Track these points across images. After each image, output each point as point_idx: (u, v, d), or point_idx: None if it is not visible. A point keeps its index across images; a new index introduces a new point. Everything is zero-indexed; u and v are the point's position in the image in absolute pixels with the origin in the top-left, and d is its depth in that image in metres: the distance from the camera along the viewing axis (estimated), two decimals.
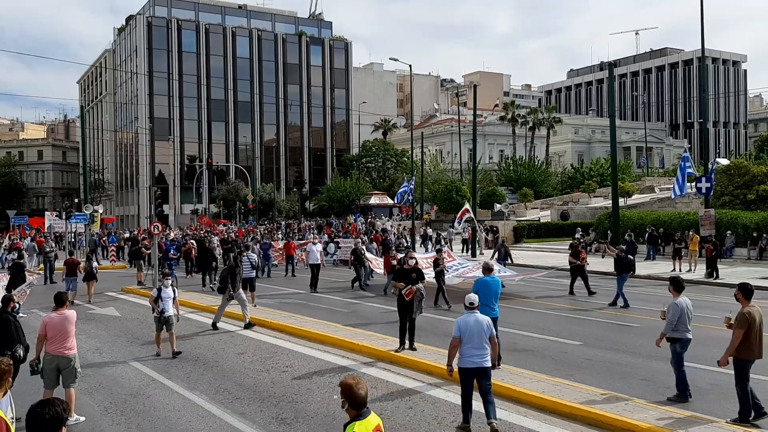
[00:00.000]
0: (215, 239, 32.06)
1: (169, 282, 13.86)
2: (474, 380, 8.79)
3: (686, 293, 10.28)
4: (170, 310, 13.50)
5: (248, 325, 16.50)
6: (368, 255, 25.68)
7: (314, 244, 25.72)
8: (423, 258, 22.39)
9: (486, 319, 9.02)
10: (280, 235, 40.23)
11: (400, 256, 18.52)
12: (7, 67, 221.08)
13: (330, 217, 64.58)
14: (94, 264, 23.93)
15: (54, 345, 9.45)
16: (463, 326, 8.81)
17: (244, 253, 20.92)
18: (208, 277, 25.60)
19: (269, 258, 29.95)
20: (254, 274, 20.58)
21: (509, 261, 26.88)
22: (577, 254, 22.35)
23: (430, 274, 19.47)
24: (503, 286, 23.36)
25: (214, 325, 16.72)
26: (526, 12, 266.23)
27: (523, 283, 24.48)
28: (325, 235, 39.10)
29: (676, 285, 10.23)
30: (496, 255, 25.76)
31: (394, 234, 39.66)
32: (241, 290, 17.03)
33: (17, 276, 19.43)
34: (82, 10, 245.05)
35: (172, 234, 39.17)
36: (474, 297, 9.40)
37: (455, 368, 8.84)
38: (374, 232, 41.15)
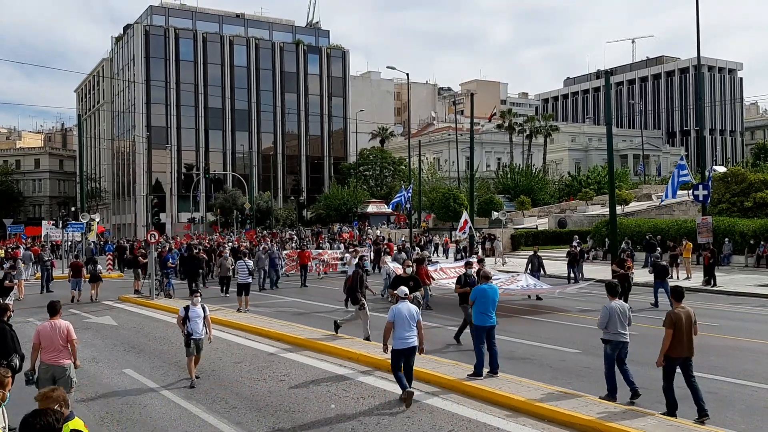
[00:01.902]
0: (227, 249, 31.68)
1: (199, 300, 12.51)
2: (403, 358, 10.35)
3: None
4: (200, 332, 12.17)
5: (368, 339, 15.13)
6: (393, 265, 23.89)
7: (354, 258, 22.77)
8: (452, 267, 21.55)
9: (414, 308, 10.59)
10: (293, 245, 39.40)
11: (463, 268, 17.67)
12: (6, 77, 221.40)
13: (316, 225, 64.52)
14: (98, 267, 26.13)
15: (48, 354, 9.38)
16: (397, 313, 10.34)
17: (242, 260, 22.03)
18: (194, 284, 25.59)
19: (276, 267, 28.83)
20: (249, 279, 21.55)
21: (543, 273, 24.93)
22: (622, 263, 20.78)
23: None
24: (540, 298, 22.41)
25: (337, 328, 15.65)
26: (523, 21, 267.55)
27: (562, 296, 23.07)
28: (342, 245, 38.38)
29: (610, 289, 10.76)
30: (529, 267, 24.10)
31: (391, 242, 39.46)
32: (365, 301, 15.64)
33: None
34: (82, 19, 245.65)
35: (171, 243, 38.58)
36: (405, 289, 11.07)
37: (389, 347, 10.46)
38: (388, 240, 40.60)
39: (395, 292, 11.29)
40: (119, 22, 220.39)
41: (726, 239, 33.61)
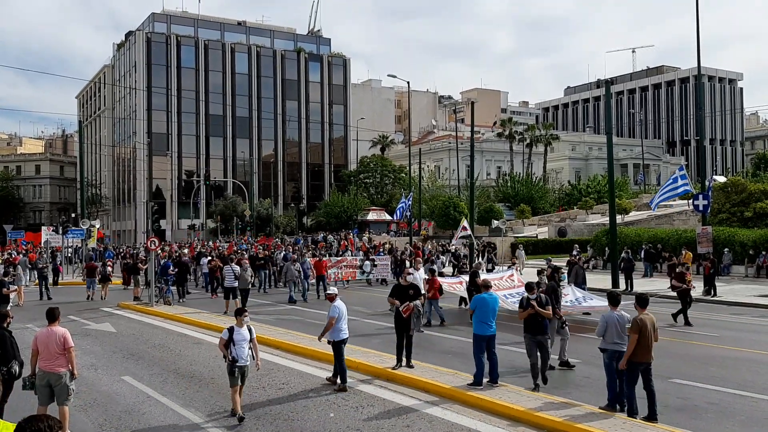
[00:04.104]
0: (245, 258, 30.99)
1: (247, 320, 10.76)
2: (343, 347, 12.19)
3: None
4: (246, 358, 10.46)
5: (565, 364, 13.51)
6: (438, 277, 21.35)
7: (416, 269, 19.64)
8: (498, 279, 20.33)
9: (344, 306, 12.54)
10: (310, 253, 38.06)
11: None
12: (8, 83, 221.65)
13: (302, 233, 64.37)
14: (108, 269, 28.98)
15: (44, 361, 9.34)
16: (340, 311, 12.17)
17: (228, 265, 23.31)
18: (182, 289, 26.70)
19: (308, 278, 26.52)
20: (236, 284, 22.66)
21: (586, 286, 22.85)
22: (682, 277, 19.29)
23: (514, 298, 16.69)
24: (588, 313, 20.19)
25: (566, 364, 13.65)
26: (524, 31, 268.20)
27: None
28: (361, 252, 37.65)
29: (611, 299, 10.96)
30: (573, 279, 22.33)
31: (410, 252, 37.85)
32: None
33: None
34: (86, 26, 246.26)
35: (185, 251, 37.14)
36: (335, 290, 12.87)
37: (331, 340, 12.26)
38: (416, 249, 39.29)
39: (332, 292, 12.81)
40: (122, 29, 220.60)
41: (726, 249, 33.59)
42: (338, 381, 12.10)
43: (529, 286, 12.55)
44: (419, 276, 19.19)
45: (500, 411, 10.37)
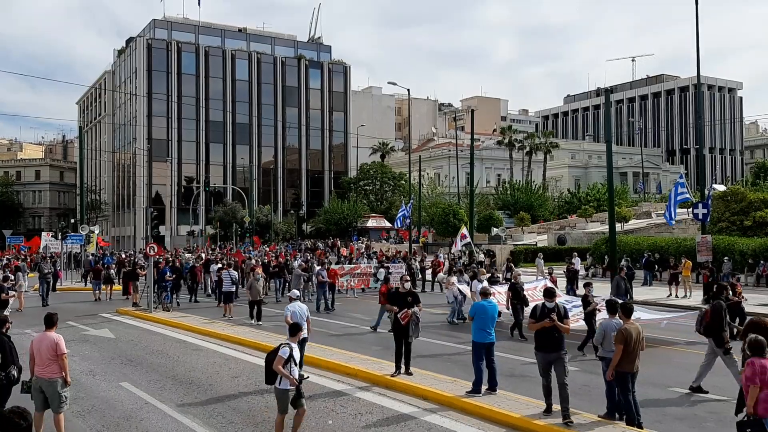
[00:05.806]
0: (252, 264, 30.42)
1: (303, 335, 9.98)
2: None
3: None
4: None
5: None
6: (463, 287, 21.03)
7: (479, 281, 18.45)
8: (532, 289, 19.38)
9: (305, 307, 13.58)
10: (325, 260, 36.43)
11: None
12: (10, 88, 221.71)
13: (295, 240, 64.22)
14: (112, 271, 31.36)
15: (37, 366, 9.32)
16: (296, 312, 13.06)
17: (227, 270, 24.17)
18: (175, 295, 26.87)
19: (326, 288, 24.97)
20: (234, 288, 23.58)
21: (629, 298, 21.56)
22: (732, 288, 18.41)
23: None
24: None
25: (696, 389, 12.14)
26: (526, 39, 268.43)
27: (672, 324, 19.49)
28: (375, 260, 37.04)
29: (609, 307, 10.85)
30: (615, 290, 21.18)
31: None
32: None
33: None
34: (87, 31, 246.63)
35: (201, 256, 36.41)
36: (296, 292, 14.15)
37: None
38: (435, 257, 38.17)
39: (292, 295, 13.95)
40: (123, 35, 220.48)
41: (725, 258, 33.53)
42: None
43: (549, 292, 10.75)
44: (479, 288, 17.32)
45: (498, 419, 10.34)
